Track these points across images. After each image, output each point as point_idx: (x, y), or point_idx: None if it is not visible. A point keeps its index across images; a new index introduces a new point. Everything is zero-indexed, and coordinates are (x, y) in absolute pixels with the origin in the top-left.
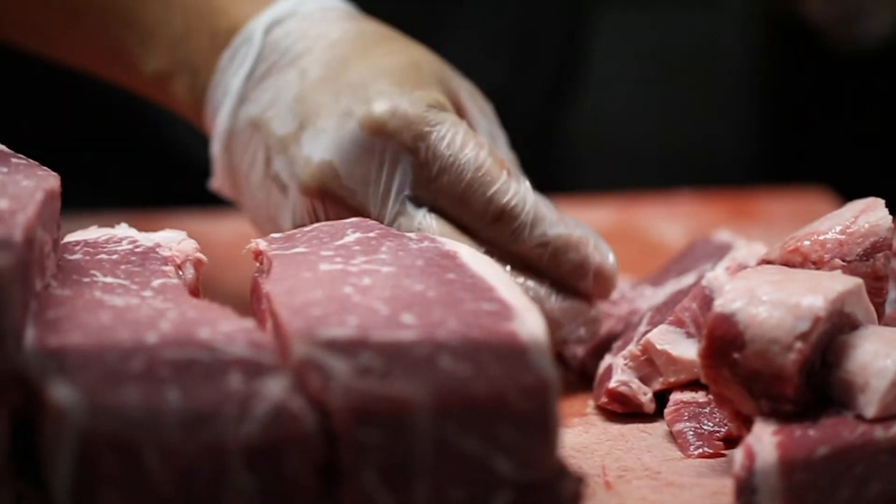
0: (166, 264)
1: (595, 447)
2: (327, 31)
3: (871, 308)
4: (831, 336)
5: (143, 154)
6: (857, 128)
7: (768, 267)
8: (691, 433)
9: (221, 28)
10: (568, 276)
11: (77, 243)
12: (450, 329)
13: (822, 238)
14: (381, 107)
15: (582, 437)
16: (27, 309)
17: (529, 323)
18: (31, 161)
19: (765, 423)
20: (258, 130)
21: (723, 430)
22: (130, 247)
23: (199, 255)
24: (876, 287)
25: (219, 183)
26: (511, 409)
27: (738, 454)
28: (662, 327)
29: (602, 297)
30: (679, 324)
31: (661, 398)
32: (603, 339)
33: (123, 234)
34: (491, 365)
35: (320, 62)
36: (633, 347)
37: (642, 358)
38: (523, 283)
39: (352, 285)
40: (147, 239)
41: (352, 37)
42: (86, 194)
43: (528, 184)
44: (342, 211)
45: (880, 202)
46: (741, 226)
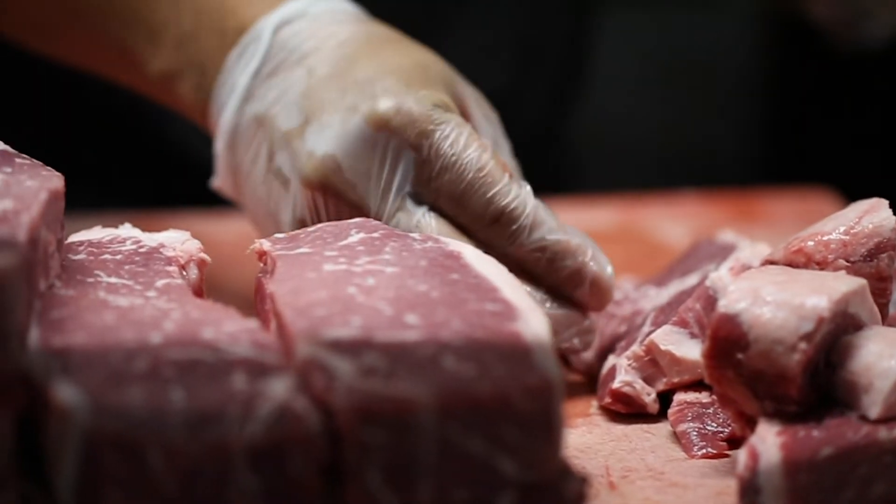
0: (170, 264)
1: (599, 447)
2: (336, 32)
3: (875, 309)
4: (835, 337)
5: (146, 154)
6: (860, 128)
7: (772, 267)
8: (695, 434)
9: (230, 27)
10: (564, 284)
11: (81, 243)
12: (454, 329)
13: (825, 238)
14: (387, 103)
15: (586, 438)
16: (31, 309)
17: (533, 323)
18: (35, 161)
19: (768, 424)
20: (262, 126)
21: (726, 430)
22: (134, 247)
23: (203, 256)
24: (880, 287)
25: (220, 181)
26: (515, 410)
27: (741, 455)
28: (666, 328)
29: (597, 309)
30: (683, 324)
31: (665, 399)
32: (607, 340)
33: (127, 234)
34: (495, 365)
35: (328, 61)
36: (636, 348)
37: (646, 358)
38: None
39: (356, 285)
40: (151, 239)
41: (361, 37)
42: (90, 194)
43: (529, 188)
44: (342, 205)
45: (884, 203)
46: (745, 226)
